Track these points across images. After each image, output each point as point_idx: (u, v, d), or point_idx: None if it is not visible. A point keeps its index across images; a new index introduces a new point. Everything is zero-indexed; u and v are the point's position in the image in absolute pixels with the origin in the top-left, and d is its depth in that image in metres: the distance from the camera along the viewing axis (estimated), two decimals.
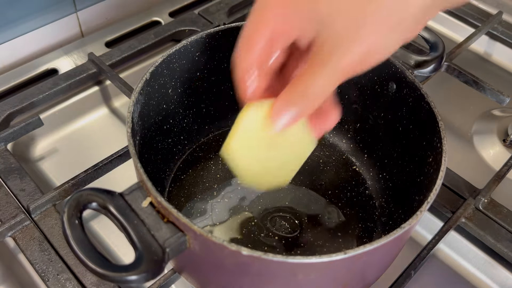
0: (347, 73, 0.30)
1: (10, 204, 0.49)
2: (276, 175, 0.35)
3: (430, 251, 0.46)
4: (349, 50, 0.28)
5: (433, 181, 0.38)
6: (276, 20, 0.29)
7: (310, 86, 0.30)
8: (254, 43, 0.30)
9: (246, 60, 0.31)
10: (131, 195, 0.36)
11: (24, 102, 0.58)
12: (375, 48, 0.29)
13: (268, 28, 0.30)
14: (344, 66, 0.29)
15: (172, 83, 0.48)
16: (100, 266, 0.33)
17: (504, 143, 0.61)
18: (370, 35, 0.28)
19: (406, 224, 0.35)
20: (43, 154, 0.59)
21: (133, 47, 0.66)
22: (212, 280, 0.40)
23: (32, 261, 0.45)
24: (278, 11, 0.29)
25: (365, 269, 0.39)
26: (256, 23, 0.30)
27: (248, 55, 0.31)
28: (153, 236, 0.34)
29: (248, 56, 0.31)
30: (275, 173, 0.32)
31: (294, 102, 0.31)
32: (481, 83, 0.62)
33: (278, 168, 0.38)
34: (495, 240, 0.48)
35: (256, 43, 0.30)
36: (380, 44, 0.29)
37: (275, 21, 0.29)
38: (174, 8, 0.75)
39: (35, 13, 0.65)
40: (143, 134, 0.45)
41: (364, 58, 0.29)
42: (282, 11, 0.29)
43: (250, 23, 0.30)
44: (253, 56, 0.31)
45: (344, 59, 0.28)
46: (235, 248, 0.32)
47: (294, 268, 0.33)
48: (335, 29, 0.28)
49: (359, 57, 0.29)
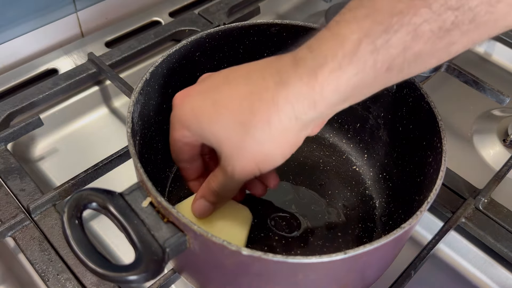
0: (246, 176, 0.37)
1: (10, 204, 0.49)
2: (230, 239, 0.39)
3: (430, 251, 0.46)
4: (238, 164, 0.36)
5: (433, 181, 0.38)
6: (181, 139, 0.38)
7: (217, 187, 0.39)
8: (175, 152, 0.40)
9: (177, 161, 0.42)
10: (131, 195, 0.36)
11: (24, 102, 0.58)
12: (262, 160, 0.36)
13: (177, 145, 0.39)
14: (239, 173, 0.36)
15: (172, 83, 0.48)
16: (100, 266, 0.33)
17: (504, 143, 0.61)
18: (252, 156, 0.35)
19: (406, 224, 0.35)
20: (43, 154, 0.59)
21: (133, 47, 0.66)
22: (212, 280, 0.40)
23: (32, 261, 0.45)
24: (181, 133, 0.38)
25: (365, 269, 0.39)
26: (172, 140, 0.39)
27: (177, 159, 0.41)
28: (153, 236, 0.34)
29: (177, 160, 0.41)
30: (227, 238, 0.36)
31: (208, 197, 0.40)
32: (481, 83, 0.62)
33: (226, 235, 0.41)
34: (495, 240, 0.48)
35: (177, 153, 0.40)
36: (265, 157, 0.36)
37: (181, 139, 0.38)
38: (174, 8, 0.75)
39: (35, 13, 0.65)
40: (143, 134, 0.45)
41: (255, 165, 0.36)
42: (183, 134, 0.38)
43: (170, 138, 0.40)
44: (179, 159, 0.41)
45: (237, 170, 0.36)
46: (235, 248, 0.32)
47: (294, 268, 0.33)
48: (224, 150, 0.36)
49: (250, 166, 0.36)
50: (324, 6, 0.78)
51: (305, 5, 0.82)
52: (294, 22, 0.49)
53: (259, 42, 0.50)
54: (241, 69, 0.37)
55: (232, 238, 0.41)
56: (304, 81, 0.32)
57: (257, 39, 0.50)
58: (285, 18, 0.72)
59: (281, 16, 0.80)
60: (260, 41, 0.50)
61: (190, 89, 0.38)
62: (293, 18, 0.79)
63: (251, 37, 0.50)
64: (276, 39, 0.50)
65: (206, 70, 0.50)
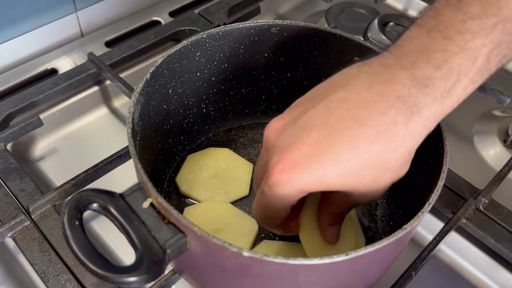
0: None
1: (10, 204, 0.49)
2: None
3: (430, 251, 0.46)
4: (372, 197, 0.36)
5: (434, 182, 0.38)
6: (290, 204, 0.36)
7: (340, 210, 0.39)
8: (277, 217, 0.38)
9: (275, 221, 0.39)
10: (131, 196, 0.36)
11: (24, 102, 0.58)
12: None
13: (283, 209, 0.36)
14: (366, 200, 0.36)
15: (172, 83, 0.48)
16: (100, 267, 0.33)
17: (505, 143, 0.61)
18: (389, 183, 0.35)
19: (408, 225, 0.34)
20: (43, 154, 0.59)
21: (133, 47, 0.65)
22: (212, 281, 0.40)
23: (32, 262, 0.45)
24: (290, 203, 0.35)
25: (366, 270, 0.39)
26: (275, 210, 0.36)
27: (275, 219, 0.38)
28: (153, 237, 0.34)
29: (276, 219, 0.39)
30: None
31: (337, 222, 0.41)
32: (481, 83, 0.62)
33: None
34: (495, 240, 0.48)
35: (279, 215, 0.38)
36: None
37: (290, 204, 0.36)
38: (174, 8, 0.75)
39: (35, 13, 0.65)
40: (143, 134, 0.44)
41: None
42: (293, 201, 0.35)
43: (271, 209, 0.36)
44: (279, 217, 0.38)
45: (366, 200, 0.36)
46: (236, 250, 0.32)
47: (295, 270, 0.33)
48: (357, 192, 0.34)
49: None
50: (324, 6, 0.77)
51: (305, 5, 0.82)
52: (294, 22, 0.49)
53: (259, 42, 0.50)
54: (338, 109, 0.32)
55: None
56: (439, 103, 0.31)
57: (257, 39, 0.50)
58: (285, 18, 0.72)
59: (281, 16, 0.80)
60: (260, 41, 0.50)
61: (290, 154, 0.32)
62: (293, 18, 0.79)
63: (251, 37, 0.50)
64: (276, 39, 0.50)
65: (206, 70, 0.50)
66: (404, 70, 0.30)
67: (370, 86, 0.31)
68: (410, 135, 0.31)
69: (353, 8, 0.76)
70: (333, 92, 0.33)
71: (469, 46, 0.29)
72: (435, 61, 0.30)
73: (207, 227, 0.37)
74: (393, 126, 0.31)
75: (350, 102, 0.31)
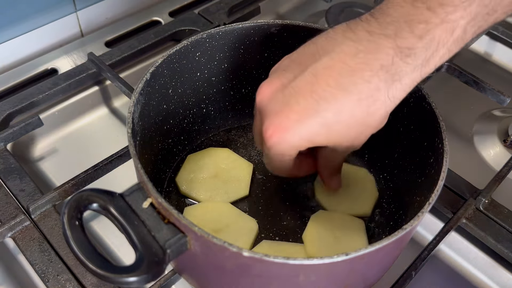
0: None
1: (10, 204, 0.49)
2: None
3: (431, 251, 0.46)
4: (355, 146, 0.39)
5: (434, 182, 0.38)
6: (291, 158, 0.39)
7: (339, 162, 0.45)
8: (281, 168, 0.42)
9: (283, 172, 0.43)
10: (131, 196, 0.36)
11: (24, 102, 0.58)
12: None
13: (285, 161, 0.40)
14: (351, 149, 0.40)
15: (172, 83, 0.48)
16: (100, 267, 0.33)
17: (505, 143, 0.61)
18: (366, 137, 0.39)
19: (408, 225, 0.35)
20: (43, 154, 0.59)
21: (133, 47, 0.65)
22: (212, 281, 0.40)
23: (32, 262, 0.45)
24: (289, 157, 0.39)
25: (366, 271, 0.39)
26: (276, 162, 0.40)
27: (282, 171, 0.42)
28: (153, 237, 0.34)
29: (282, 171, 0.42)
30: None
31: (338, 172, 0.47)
32: (481, 83, 0.62)
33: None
34: (495, 240, 0.48)
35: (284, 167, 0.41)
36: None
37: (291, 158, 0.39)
38: (174, 7, 0.75)
39: (35, 13, 0.65)
40: (143, 134, 0.44)
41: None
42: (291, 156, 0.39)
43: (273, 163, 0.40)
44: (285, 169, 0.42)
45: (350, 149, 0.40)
46: (236, 250, 0.32)
47: (295, 270, 0.33)
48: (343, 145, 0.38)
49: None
50: (324, 6, 0.77)
51: (305, 5, 0.82)
52: (294, 22, 0.49)
53: (259, 42, 0.50)
54: (324, 77, 0.34)
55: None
56: (418, 71, 0.33)
57: (257, 39, 0.50)
58: (285, 18, 0.72)
59: (281, 16, 0.80)
60: (260, 41, 0.50)
61: (281, 120, 0.35)
62: (293, 18, 0.79)
63: (251, 37, 0.50)
64: (277, 39, 0.50)
65: (206, 70, 0.50)
66: (388, 39, 0.32)
67: (355, 54, 0.33)
68: (390, 100, 0.34)
69: (353, 8, 0.76)
70: (319, 59, 0.35)
71: (449, 18, 0.31)
72: (418, 32, 0.31)
73: (207, 227, 0.37)
74: (376, 93, 0.33)
75: (335, 69, 0.34)
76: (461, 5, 0.30)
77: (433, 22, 0.31)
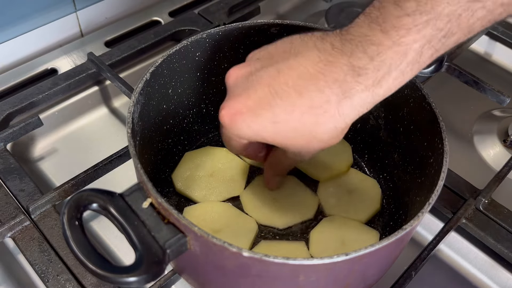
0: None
1: (10, 204, 0.49)
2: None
3: (430, 251, 0.46)
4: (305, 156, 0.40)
5: (434, 182, 0.38)
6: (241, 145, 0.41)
7: (287, 165, 0.47)
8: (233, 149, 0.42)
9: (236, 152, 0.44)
10: (131, 196, 0.36)
11: (23, 102, 0.58)
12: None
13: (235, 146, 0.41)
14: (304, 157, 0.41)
15: (172, 83, 0.48)
16: (100, 268, 0.33)
17: (505, 143, 0.61)
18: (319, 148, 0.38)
19: (408, 225, 0.35)
20: (42, 154, 0.59)
21: (133, 47, 0.65)
22: (212, 281, 0.40)
23: (32, 262, 0.45)
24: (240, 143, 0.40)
25: (366, 270, 0.38)
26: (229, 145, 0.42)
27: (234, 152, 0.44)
28: (153, 237, 0.34)
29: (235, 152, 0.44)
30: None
31: (282, 174, 0.49)
32: (481, 84, 0.62)
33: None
34: (495, 240, 0.48)
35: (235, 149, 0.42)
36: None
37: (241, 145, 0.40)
38: (174, 7, 0.75)
39: (35, 13, 0.65)
40: (143, 134, 0.44)
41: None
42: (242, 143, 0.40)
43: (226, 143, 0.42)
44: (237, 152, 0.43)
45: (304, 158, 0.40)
46: (236, 250, 0.32)
47: (295, 270, 0.33)
48: (291, 150, 0.39)
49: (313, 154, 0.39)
50: (324, 6, 0.77)
51: (305, 5, 0.82)
52: (294, 22, 0.49)
53: (259, 42, 0.50)
54: (285, 75, 0.35)
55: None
56: (370, 91, 0.33)
57: (257, 39, 0.50)
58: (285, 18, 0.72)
59: (281, 16, 0.80)
60: (260, 41, 0.50)
61: (236, 103, 0.37)
62: (293, 18, 0.79)
63: (251, 37, 0.50)
64: (276, 39, 0.50)
65: (206, 70, 0.50)
66: (344, 56, 0.33)
67: (316, 63, 0.34)
68: (339, 115, 0.34)
69: (353, 8, 0.76)
70: (288, 58, 0.36)
71: (402, 41, 0.31)
72: (370, 53, 0.32)
73: (207, 227, 0.37)
74: (326, 104, 0.34)
75: (296, 72, 0.35)
76: (414, 28, 0.31)
77: (385, 44, 0.32)
